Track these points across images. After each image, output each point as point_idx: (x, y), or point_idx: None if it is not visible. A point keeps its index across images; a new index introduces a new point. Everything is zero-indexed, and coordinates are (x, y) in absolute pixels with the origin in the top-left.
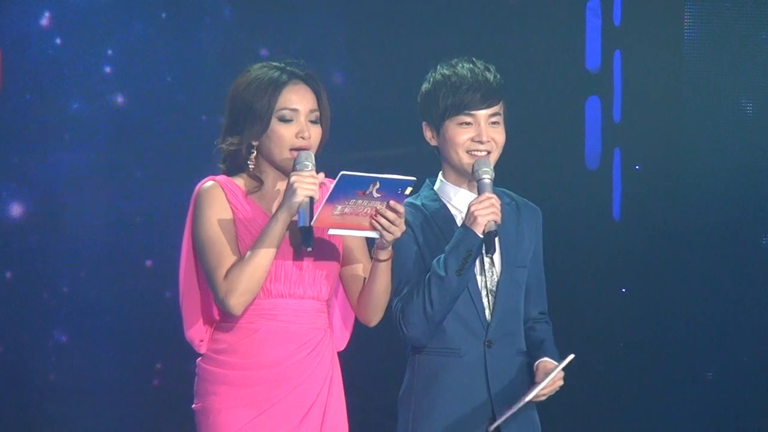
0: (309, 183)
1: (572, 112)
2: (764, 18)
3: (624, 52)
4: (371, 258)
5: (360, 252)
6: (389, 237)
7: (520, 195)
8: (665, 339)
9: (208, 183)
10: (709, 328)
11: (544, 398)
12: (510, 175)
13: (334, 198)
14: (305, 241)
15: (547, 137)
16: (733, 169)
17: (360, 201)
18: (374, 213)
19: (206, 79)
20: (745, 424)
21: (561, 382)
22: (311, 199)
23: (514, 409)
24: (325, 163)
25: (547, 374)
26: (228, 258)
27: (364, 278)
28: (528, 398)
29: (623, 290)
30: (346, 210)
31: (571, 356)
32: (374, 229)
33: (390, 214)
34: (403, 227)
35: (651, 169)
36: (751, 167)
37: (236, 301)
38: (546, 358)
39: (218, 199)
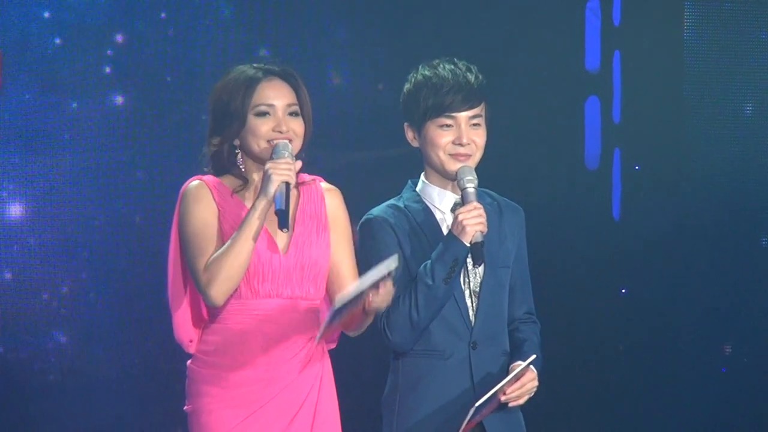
0: (284, 169)
1: (572, 113)
2: (764, 18)
3: (623, 53)
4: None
5: (345, 254)
6: (383, 306)
7: (518, 195)
8: (665, 339)
9: (194, 182)
10: (709, 329)
11: (521, 401)
12: (510, 174)
13: (333, 321)
14: (281, 224)
15: (546, 137)
16: (733, 169)
17: (354, 307)
18: (367, 301)
19: (206, 79)
20: (745, 424)
21: (534, 384)
22: (287, 184)
23: (471, 414)
24: (325, 163)
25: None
26: (209, 250)
27: (347, 278)
28: (479, 402)
29: (623, 290)
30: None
31: (533, 356)
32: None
33: (380, 296)
34: (391, 294)
35: (651, 170)
36: (751, 167)
37: (217, 290)
38: (519, 361)
39: (204, 197)
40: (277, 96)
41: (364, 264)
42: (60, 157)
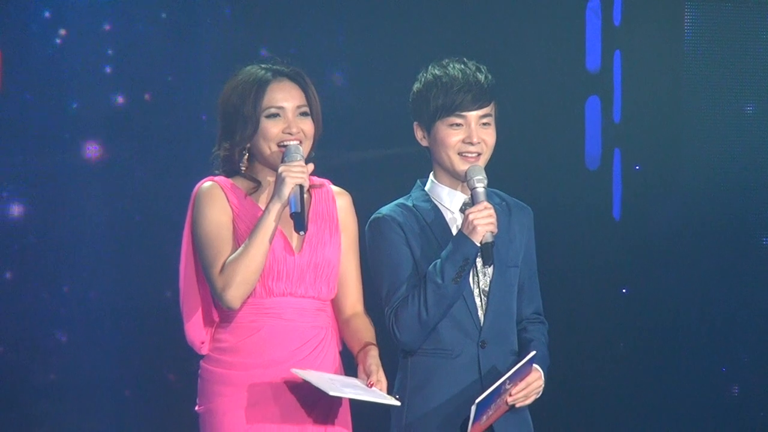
0: (297, 171)
1: (572, 112)
2: (764, 18)
3: (624, 52)
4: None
5: (351, 259)
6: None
7: (519, 195)
8: (665, 339)
9: (207, 183)
10: (710, 328)
11: (528, 402)
12: (510, 175)
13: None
14: (297, 226)
15: (547, 137)
16: (733, 169)
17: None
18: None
19: (206, 79)
20: (745, 423)
21: (539, 383)
22: (301, 186)
23: (473, 411)
24: (325, 163)
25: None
26: (225, 253)
27: (351, 282)
28: (479, 399)
29: (623, 290)
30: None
31: (533, 352)
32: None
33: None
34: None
35: (651, 169)
36: (751, 167)
37: (233, 294)
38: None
39: (217, 198)
40: (286, 97)
41: (372, 262)
42: (60, 156)
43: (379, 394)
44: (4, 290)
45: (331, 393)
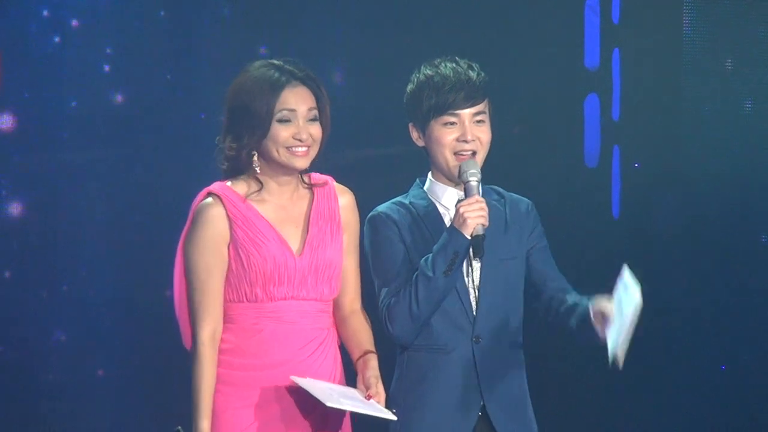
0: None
1: (571, 110)
2: (764, 15)
3: (623, 50)
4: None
5: (351, 258)
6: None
7: (518, 193)
8: (665, 337)
9: (207, 200)
10: (709, 327)
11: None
12: (509, 173)
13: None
14: None
15: (546, 135)
16: (733, 166)
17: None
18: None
19: (205, 77)
20: (744, 423)
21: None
22: None
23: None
24: (324, 162)
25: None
26: (207, 309)
27: (349, 281)
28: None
29: None
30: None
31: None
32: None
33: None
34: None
35: (650, 167)
36: (751, 165)
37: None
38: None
39: (215, 223)
40: (298, 102)
41: (369, 259)
42: (59, 155)
43: (377, 408)
44: (3, 289)
45: (329, 404)
